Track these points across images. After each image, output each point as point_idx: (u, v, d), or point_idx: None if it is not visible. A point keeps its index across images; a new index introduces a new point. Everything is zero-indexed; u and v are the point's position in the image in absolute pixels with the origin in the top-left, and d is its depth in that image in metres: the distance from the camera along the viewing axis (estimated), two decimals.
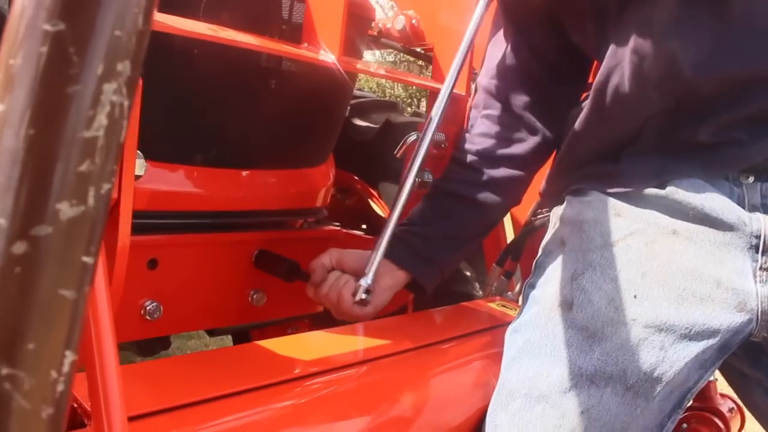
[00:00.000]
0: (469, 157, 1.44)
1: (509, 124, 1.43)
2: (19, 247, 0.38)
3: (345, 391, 1.09)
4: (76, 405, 0.73)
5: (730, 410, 1.70)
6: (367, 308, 1.36)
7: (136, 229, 0.96)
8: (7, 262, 0.37)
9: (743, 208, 1.10)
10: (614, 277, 1.09)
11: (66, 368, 0.41)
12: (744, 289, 1.08)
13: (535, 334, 1.15)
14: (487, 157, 1.43)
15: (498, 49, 1.46)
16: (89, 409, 0.65)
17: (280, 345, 1.12)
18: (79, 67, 0.42)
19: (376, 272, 1.34)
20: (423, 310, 1.52)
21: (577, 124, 1.24)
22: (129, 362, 0.88)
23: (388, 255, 1.40)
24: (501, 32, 1.46)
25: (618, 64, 1.13)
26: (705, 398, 1.66)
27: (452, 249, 1.47)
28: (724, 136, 1.09)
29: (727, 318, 1.06)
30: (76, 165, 0.42)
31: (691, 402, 1.12)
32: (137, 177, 1.00)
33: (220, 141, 1.37)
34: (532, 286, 1.24)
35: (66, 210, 0.41)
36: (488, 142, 1.44)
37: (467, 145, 1.45)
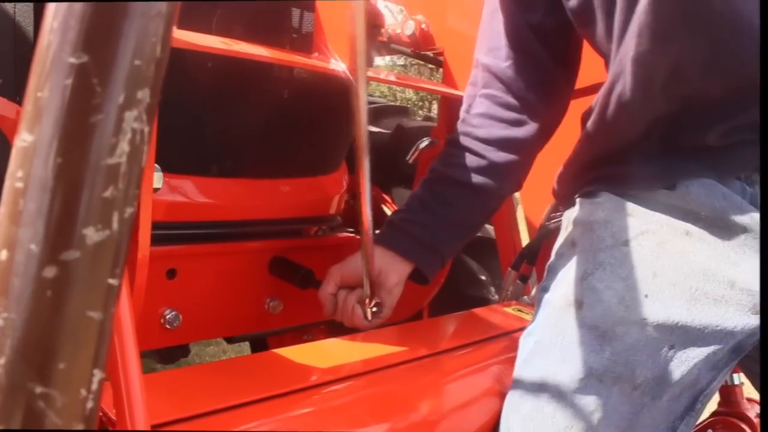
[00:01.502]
0: (469, 141, 1.39)
1: (510, 105, 1.37)
2: (50, 272, 0.39)
3: (362, 398, 1.10)
4: (101, 414, 0.75)
5: (758, 415, 1.65)
6: (382, 314, 1.36)
7: (155, 240, 0.98)
8: (39, 285, 0.39)
9: (756, 207, 1.08)
10: (625, 276, 1.09)
11: (95, 386, 0.43)
12: (758, 290, 1.05)
13: (546, 335, 1.15)
14: (488, 141, 1.38)
15: (495, 22, 1.38)
16: (114, 417, 0.67)
17: (298, 353, 1.14)
18: (102, 96, 0.44)
19: (371, 278, 1.29)
20: (438, 316, 1.54)
21: (587, 127, 1.23)
22: (151, 369, 0.91)
23: (390, 246, 1.36)
24: (497, 3, 1.38)
25: (623, 70, 1.12)
26: (731, 403, 1.63)
27: (454, 237, 1.44)
28: (733, 139, 1.08)
29: (742, 320, 1.05)
30: (101, 191, 0.44)
31: (705, 405, 1.10)
32: (155, 190, 1.02)
33: (233, 151, 1.39)
34: (545, 290, 1.23)
35: (92, 235, 0.42)
36: (488, 124, 1.38)
37: (466, 127, 1.41)
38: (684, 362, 1.05)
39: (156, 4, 0.48)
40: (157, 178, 1.04)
